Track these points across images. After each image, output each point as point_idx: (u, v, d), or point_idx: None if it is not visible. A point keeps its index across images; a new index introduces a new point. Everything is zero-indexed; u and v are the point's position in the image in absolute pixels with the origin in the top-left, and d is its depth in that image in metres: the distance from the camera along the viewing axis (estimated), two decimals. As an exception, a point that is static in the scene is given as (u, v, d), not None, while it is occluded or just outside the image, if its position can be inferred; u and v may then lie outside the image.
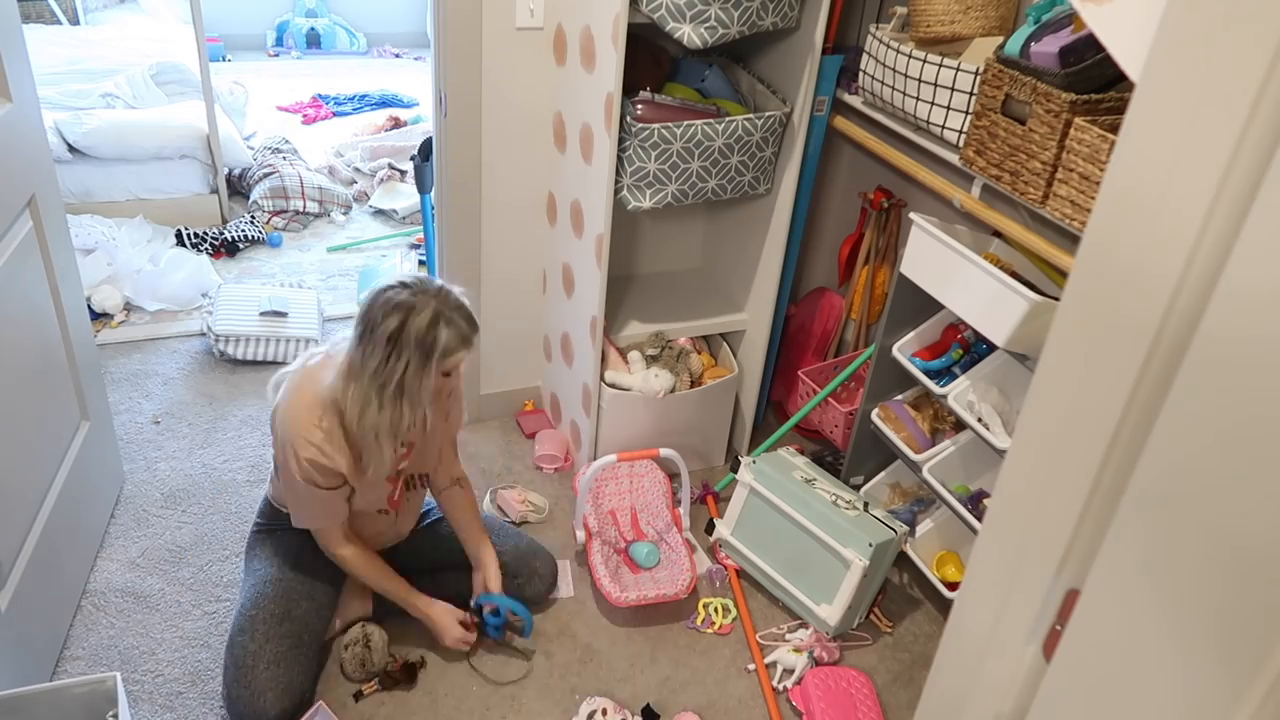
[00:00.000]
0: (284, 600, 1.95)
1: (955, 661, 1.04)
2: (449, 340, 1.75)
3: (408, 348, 1.73)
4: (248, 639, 1.89)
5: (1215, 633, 0.66)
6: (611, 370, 2.52)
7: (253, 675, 1.85)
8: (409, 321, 1.72)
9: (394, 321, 1.72)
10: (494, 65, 2.39)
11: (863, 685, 2.09)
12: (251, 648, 1.87)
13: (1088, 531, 0.81)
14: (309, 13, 6.52)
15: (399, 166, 4.41)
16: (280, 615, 1.93)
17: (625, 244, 2.77)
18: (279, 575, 1.99)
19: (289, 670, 1.89)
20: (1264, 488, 0.62)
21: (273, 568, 2.00)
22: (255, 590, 1.96)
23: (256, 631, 1.89)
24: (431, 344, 1.74)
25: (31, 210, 1.97)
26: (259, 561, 2.04)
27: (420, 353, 1.74)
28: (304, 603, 1.98)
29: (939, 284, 2.03)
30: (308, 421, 1.80)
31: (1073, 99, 1.69)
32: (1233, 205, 0.65)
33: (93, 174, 3.74)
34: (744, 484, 2.31)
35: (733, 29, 2.07)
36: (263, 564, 2.02)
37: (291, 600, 1.96)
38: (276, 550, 2.04)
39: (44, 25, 5.19)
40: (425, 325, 1.73)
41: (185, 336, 3.20)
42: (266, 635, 1.89)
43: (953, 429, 2.24)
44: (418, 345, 1.73)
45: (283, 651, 1.89)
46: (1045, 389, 0.86)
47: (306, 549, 2.02)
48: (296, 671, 1.90)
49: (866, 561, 2.08)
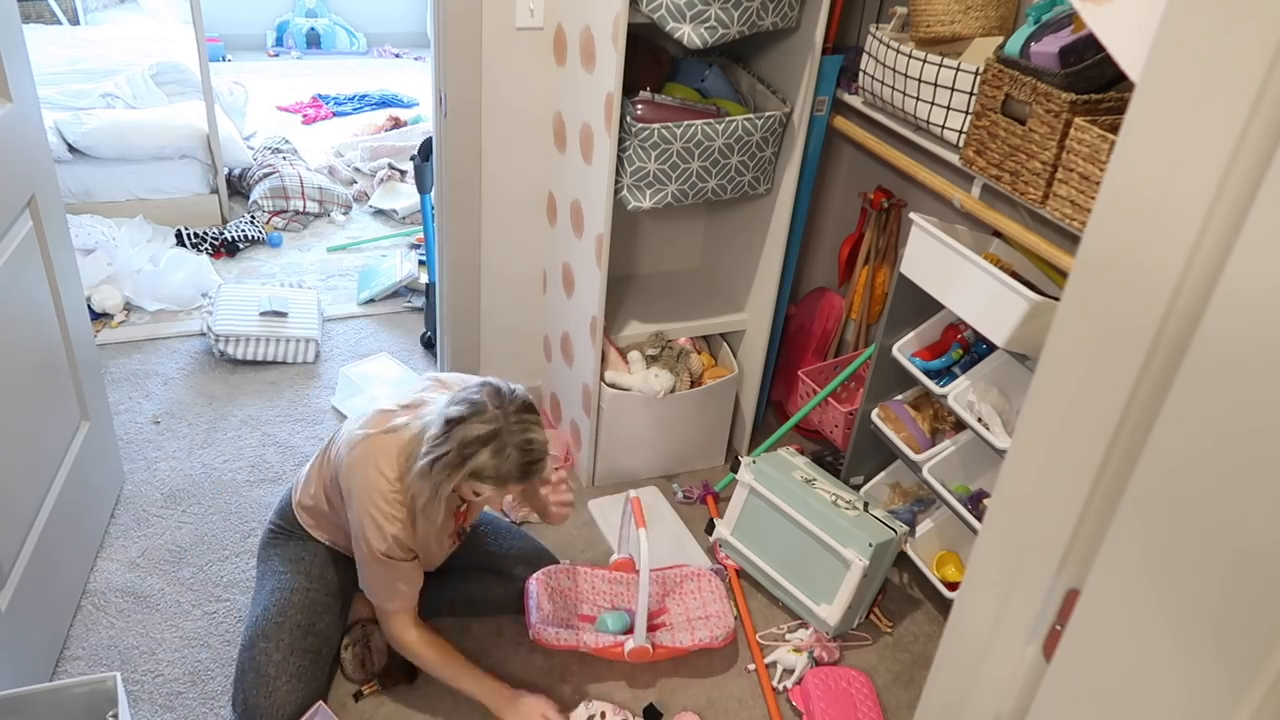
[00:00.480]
0: (309, 612, 1.93)
1: (955, 661, 1.04)
2: (485, 466, 1.69)
3: (452, 441, 1.68)
4: (272, 647, 1.87)
5: (1215, 633, 0.66)
6: (611, 370, 2.52)
7: (275, 686, 1.85)
8: (466, 421, 1.69)
9: (457, 411, 1.70)
10: (494, 65, 2.39)
11: (863, 685, 2.09)
12: (276, 658, 1.86)
13: (1088, 531, 0.81)
14: (309, 13, 6.52)
15: (399, 166, 4.41)
16: (305, 628, 1.91)
17: (625, 244, 2.77)
18: (306, 585, 1.96)
19: (308, 686, 1.89)
20: (1264, 488, 0.62)
21: (299, 576, 1.97)
22: (280, 597, 1.94)
23: (282, 641, 1.88)
24: (469, 456, 1.68)
25: (31, 210, 1.97)
26: (280, 564, 2.01)
27: (457, 454, 1.68)
28: (326, 616, 1.97)
29: (939, 284, 2.03)
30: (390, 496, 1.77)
31: (1073, 99, 1.69)
32: (1233, 205, 0.65)
33: (93, 174, 3.74)
34: (744, 484, 2.31)
35: (733, 29, 2.07)
36: (286, 569, 1.99)
37: (316, 613, 1.95)
38: (299, 557, 2.01)
39: (44, 25, 5.19)
40: (473, 436, 1.68)
41: (185, 336, 3.20)
42: (291, 647, 1.88)
43: (953, 429, 2.24)
44: (459, 446, 1.68)
45: (305, 666, 1.89)
46: (1045, 389, 0.86)
47: (331, 561, 2.02)
48: (314, 687, 1.91)
49: (866, 561, 2.08)
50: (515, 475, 1.72)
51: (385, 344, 3.27)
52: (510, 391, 1.75)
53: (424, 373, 2.46)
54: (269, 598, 1.95)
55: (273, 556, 2.04)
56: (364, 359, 3.13)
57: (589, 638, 2.03)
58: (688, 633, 2.09)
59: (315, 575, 1.99)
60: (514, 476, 1.72)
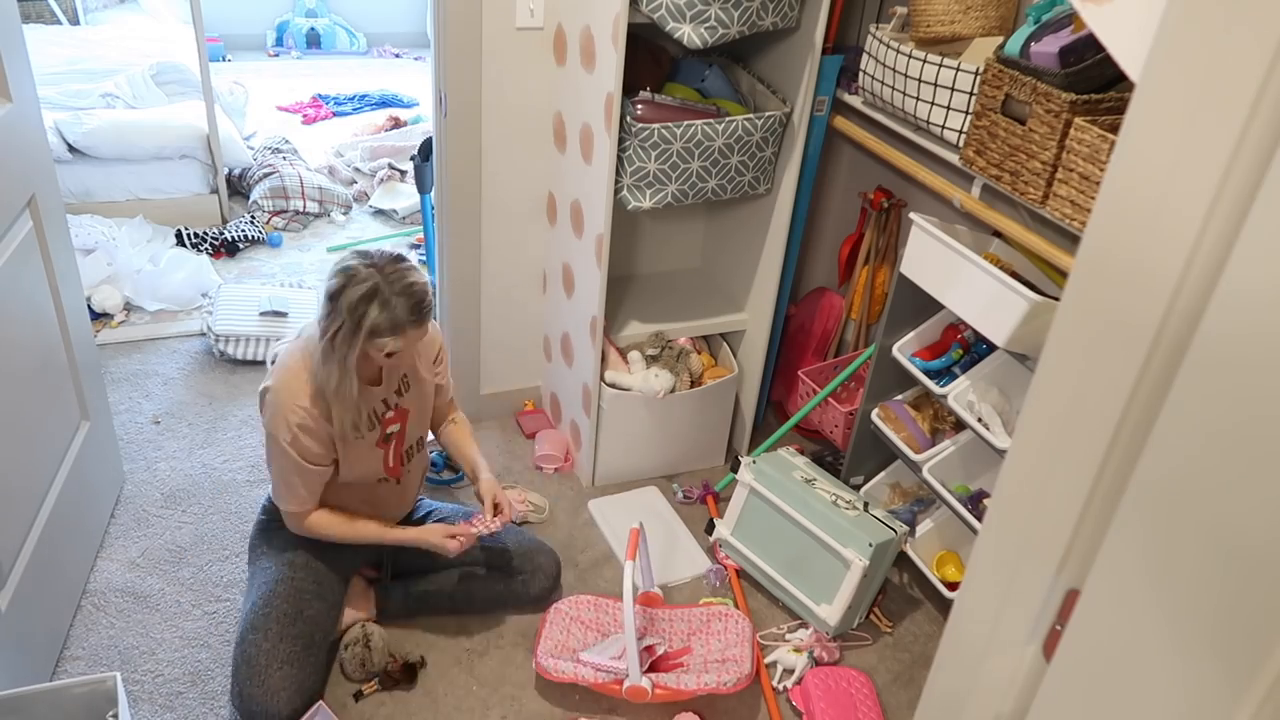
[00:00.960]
0: (295, 599, 1.95)
1: (955, 661, 1.04)
2: (377, 320, 1.75)
3: (340, 313, 1.75)
4: (260, 637, 1.88)
5: (1215, 633, 0.66)
6: (611, 370, 2.52)
7: (266, 675, 1.85)
8: (346, 289, 1.75)
9: (334, 283, 1.77)
10: (494, 65, 2.39)
11: (863, 685, 2.09)
12: (265, 646, 1.87)
13: (1088, 531, 0.81)
14: (309, 13, 6.52)
15: (399, 166, 4.41)
16: (292, 615, 1.92)
17: (625, 244, 2.77)
18: (290, 574, 1.98)
19: (301, 670, 1.89)
20: (1264, 487, 0.62)
21: (284, 566, 2.00)
22: (266, 589, 1.96)
23: (270, 630, 1.89)
24: (360, 318, 1.75)
25: (31, 210, 1.97)
26: (267, 559, 2.03)
27: (351, 321, 1.75)
28: (315, 602, 1.98)
29: (939, 284, 2.03)
30: (296, 388, 1.83)
31: (1073, 99, 1.69)
32: (1233, 205, 0.65)
33: (93, 174, 3.74)
34: (744, 484, 2.31)
35: (733, 29, 2.07)
36: (271, 561, 2.02)
37: (303, 600, 1.96)
38: (285, 547, 2.03)
39: (44, 25, 5.19)
40: (357, 298, 1.74)
41: (185, 336, 3.20)
42: (280, 635, 1.89)
43: (953, 429, 2.24)
44: (349, 313, 1.75)
45: (296, 652, 1.89)
46: (1045, 389, 0.86)
47: (316, 547, 2.03)
48: (309, 672, 1.91)
49: (866, 561, 2.08)
50: (408, 319, 1.78)
51: (385, 344, 3.27)
52: (377, 251, 1.81)
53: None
54: (256, 592, 1.97)
55: (261, 553, 2.06)
56: (364, 359, 3.13)
57: (587, 672, 2.00)
58: (697, 675, 2.00)
59: (300, 564, 2.01)
60: (408, 321, 1.78)
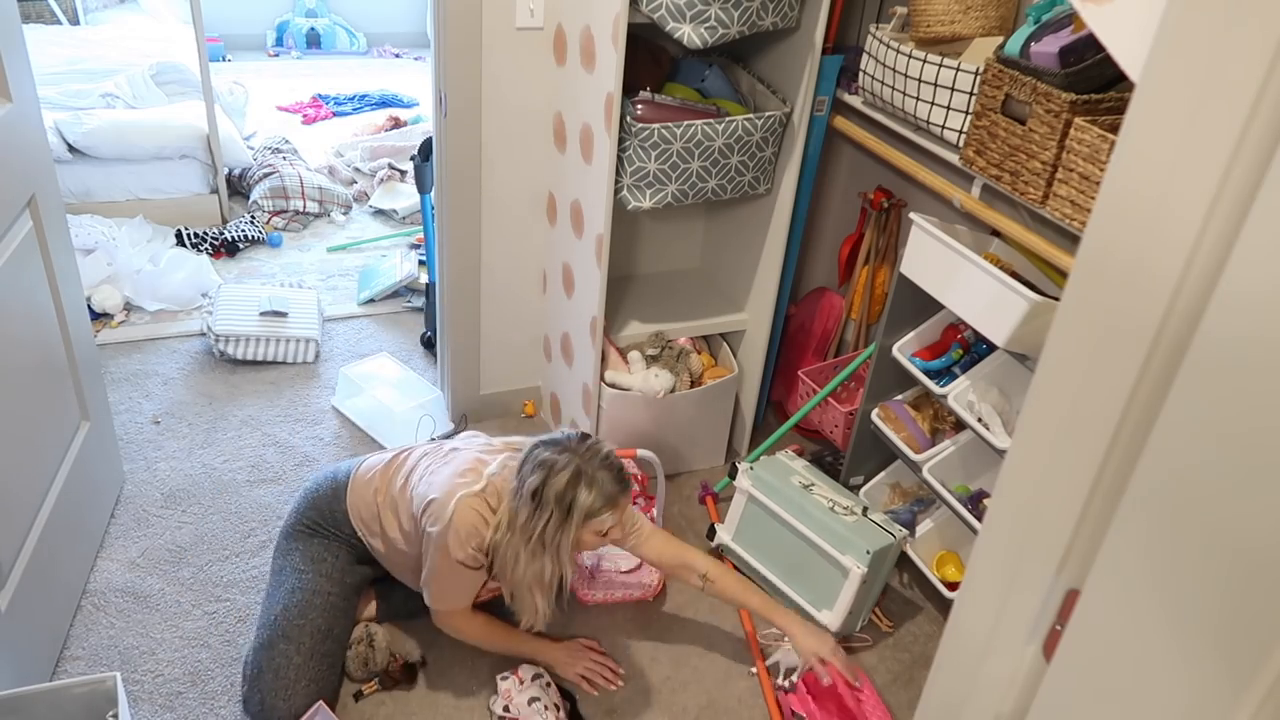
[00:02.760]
0: (329, 616, 1.95)
1: (955, 661, 1.04)
2: (589, 501, 1.79)
3: (548, 505, 1.77)
4: (293, 650, 1.88)
5: (1215, 633, 0.66)
6: (611, 370, 2.52)
7: (294, 690, 1.86)
8: (549, 480, 1.77)
9: (535, 479, 1.78)
10: (494, 65, 2.39)
11: (863, 685, 2.08)
12: (297, 660, 1.87)
13: (1088, 531, 0.81)
14: (309, 13, 6.52)
15: (399, 166, 4.41)
16: (324, 632, 1.93)
17: (625, 244, 2.77)
18: (328, 589, 1.97)
19: (322, 690, 1.91)
20: (1264, 488, 0.62)
21: (321, 579, 1.98)
22: (301, 598, 1.94)
23: (303, 644, 1.89)
24: (570, 503, 1.78)
25: (31, 210, 1.97)
26: (301, 561, 2.00)
27: (560, 510, 1.78)
28: (343, 620, 1.99)
29: (939, 284, 2.03)
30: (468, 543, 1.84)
31: (1073, 99, 1.69)
32: (1233, 205, 0.65)
33: (93, 174, 3.74)
34: (742, 490, 2.31)
35: (733, 29, 2.07)
36: (308, 568, 1.99)
37: (334, 618, 1.96)
38: (322, 557, 2.01)
39: (44, 25, 5.19)
40: (564, 484, 1.77)
41: (185, 336, 3.20)
42: (311, 651, 1.89)
43: (953, 429, 2.24)
44: (557, 503, 1.77)
45: (323, 671, 1.91)
46: (1045, 389, 0.86)
47: (352, 564, 2.04)
48: (327, 692, 1.93)
49: (864, 569, 2.08)
50: (618, 490, 1.83)
51: (385, 344, 3.27)
52: (561, 435, 1.87)
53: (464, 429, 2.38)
54: (289, 597, 1.94)
55: (293, 551, 2.02)
56: (364, 359, 3.12)
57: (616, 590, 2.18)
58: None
59: (336, 579, 1.99)
60: (618, 492, 1.83)
